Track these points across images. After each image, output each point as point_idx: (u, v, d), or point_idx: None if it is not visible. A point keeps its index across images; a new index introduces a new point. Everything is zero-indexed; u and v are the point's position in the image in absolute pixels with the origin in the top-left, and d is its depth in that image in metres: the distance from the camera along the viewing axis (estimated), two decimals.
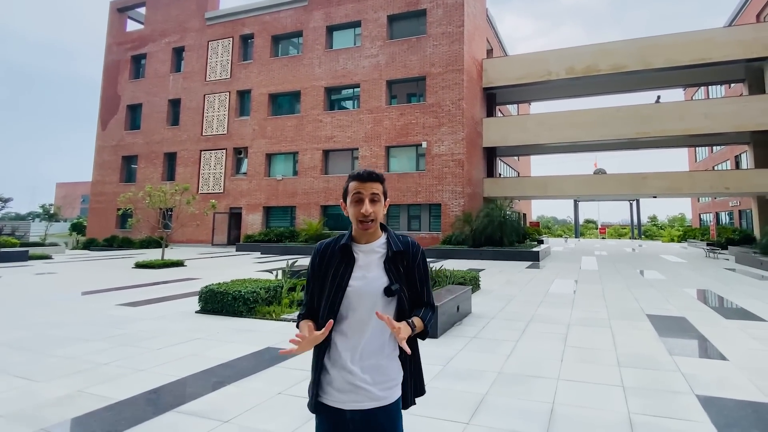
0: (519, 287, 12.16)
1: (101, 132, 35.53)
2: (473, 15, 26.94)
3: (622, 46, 25.53)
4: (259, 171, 29.61)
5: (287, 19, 29.84)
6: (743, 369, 5.29)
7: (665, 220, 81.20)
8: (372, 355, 1.85)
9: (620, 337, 6.75)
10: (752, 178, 23.56)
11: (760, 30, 23.60)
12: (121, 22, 36.47)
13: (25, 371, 5.03)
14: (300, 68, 29.00)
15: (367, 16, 27.45)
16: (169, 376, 4.90)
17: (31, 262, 19.35)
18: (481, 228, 22.05)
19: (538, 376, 4.98)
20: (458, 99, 24.81)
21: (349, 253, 1.92)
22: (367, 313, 1.85)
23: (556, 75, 26.52)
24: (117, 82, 35.46)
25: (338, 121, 27.65)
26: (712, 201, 44.62)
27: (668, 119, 24.48)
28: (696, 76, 27.42)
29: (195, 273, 15.18)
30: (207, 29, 32.35)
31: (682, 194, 26.04)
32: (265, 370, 5.16)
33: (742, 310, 9.09)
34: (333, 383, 1.85)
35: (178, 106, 33.12)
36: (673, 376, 5.01)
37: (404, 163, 26.40)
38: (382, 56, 26.79)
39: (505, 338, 6.70)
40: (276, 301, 8.60)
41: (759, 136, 25.19)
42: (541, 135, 26.83)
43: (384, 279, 1.88)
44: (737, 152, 35.55)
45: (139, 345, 6.18)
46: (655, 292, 11.36)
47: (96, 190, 35.16)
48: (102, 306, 9.04)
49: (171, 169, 32.84)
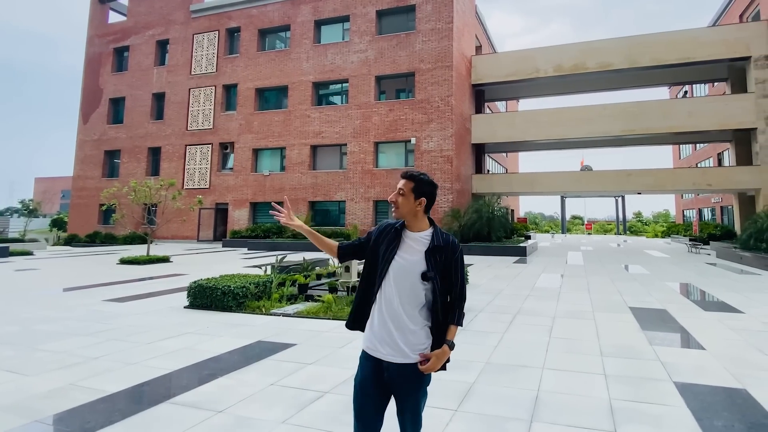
0: (506, 281, 12.39)
1: (83, 126, 34.93)
2: (462, 11, 27.08)
3: (609, 44, 25.86)
4: (246, 166, 29.47)
5: (275, 13, 29.68)
6: (719, 357, 5.56)
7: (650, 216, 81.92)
8: (404, 320, 2.28)
9: (603, 329, 6.99)
10: (734, 175, 24.04)
11: (743, 30, 24.06)
12: (102, 14, 35.93)
13: (15, 365, 5.05)
14: (287, 63, 28.90)
15: (355, 10, 27.43)
16: (161, 369, 4.96)
17: (11, 258, 19.15)
18: (470, 224, 22.35)
19: (525, 366, 5.17)
20: (447, 95, 24.94)
21: (399, 235, 2.36)
22: (405, 286, 2.28)
23: (544, 72, 26.78)
24: (99, 75, 34.89)
25: (326, 117, 27.63)
26: (695, 197, 45.34)
27: (653, 117, 24.84)
28: (681, 74, 27.90)
29: (181, 269, 15.16)
30: (192, 22, 32.03)
31: (666, 191, 26.54)
32: (257, 362, 5.25)
33: (721, 303, 9.41)
34: (376, 335, 2.31)
35: (162, 100, 32.75)
36: (653, 365, 5.24)
37: (393, 159, 26.48)
38: (371, 51, 26.80)
39: (493, 330, 6.88)
40: (266, 296, 8.68)
41: (741, 134, 25.68)
42: (529, 132, 27.10)
43: (422, 265, 2.27)
44: (720, 150, 36.12)
45: (129, 339, 6.22)
46: (638, 286, 11.67)
47: (78, 185, 34.57)
48: (88, 301, 9.02)
49: (155, 164, 32.48)
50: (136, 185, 19.16)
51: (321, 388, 4.40)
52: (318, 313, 7.77)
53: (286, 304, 8.48)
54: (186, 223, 29.00)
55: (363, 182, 26.23)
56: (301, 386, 4.46)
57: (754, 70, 23.59)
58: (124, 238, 28.74)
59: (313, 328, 6.89)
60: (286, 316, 7.74)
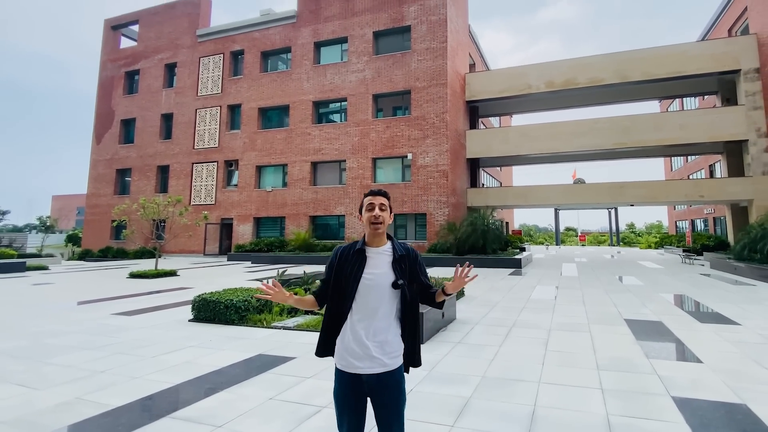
0: (502, 294, 12.19)
1: (96, 146, 35.33)
2: (456, 31, 27.17)
3: (599, 60, 25.81)
4: (250, 183, 29.50)
5: (276, 36, 29.89)
6: (717, 371, 5.36)
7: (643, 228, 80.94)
8: (381, 333, 2.35)
9: (599, 342, 6.82)
10: (726, 187, 23.75)
11: (732, 44, 23.98)
12: (115, 40, 36.42)
13: (24, 379, 5.04)
14: (289, 83, 29.02)
15: (353, 32, 27.57)
16: (164, 383, 4.92)
17: (28, 272, 19.29)
18: (465, 236, 22.03)
19: (521, 380, 5.03)
20: (442, 112, 24.93)
21: (363, 254, 2.43)
22: (377, 301, 2.36)
23: (536, 88, 26.75)
24: (111, 97, 35.29)
25: (326, 134, 27.66)
26: (687, 209, 44.99)
27: (645, 130, 24.69)
28: (671, 88, 27.75)
29: (188, 282, 15.13)
30: (198, 46, 32.33)
31: (658, 202, 26.30)
32: (256, 376, 5.18)
33: (716, 314, 9.13)
34: (351, 352, 2.34)
35: (170, 120, 33.00)
36: (650, 379, 5.07)
37: (390, 174, 26.43)
38: (369, 71, 26.89)
39: (489, 343, 6.74)
40: (267, 309, 8.61)
41: (732, 145, 25.45)
42: (523, 146, 26.99)
43: (391, 276, 2.38)
44: (711, 161, 35.89)
45: (135, 353, 6.18)
46: (633, 297, 11.42)
47: (91, 203, 34.88)
48: (98, 315, 9.01)
49: (164, 182, 32.66)
50: (145, 202, 19.16)
51: (319, 402, 4.32)
52: (317, 327, 7.61)
53: (286, 318, 8.41)
54: (193, 238, 29.36)
55: (361, 197, 25.81)
56: (300, 401, 4.39)
57: (744, 82, 23.49)
58: (134, 252, 28.79)
59: (312, 341, 6.66)
60: (287, 329, 7.67)
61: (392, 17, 26.70)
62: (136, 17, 35.34)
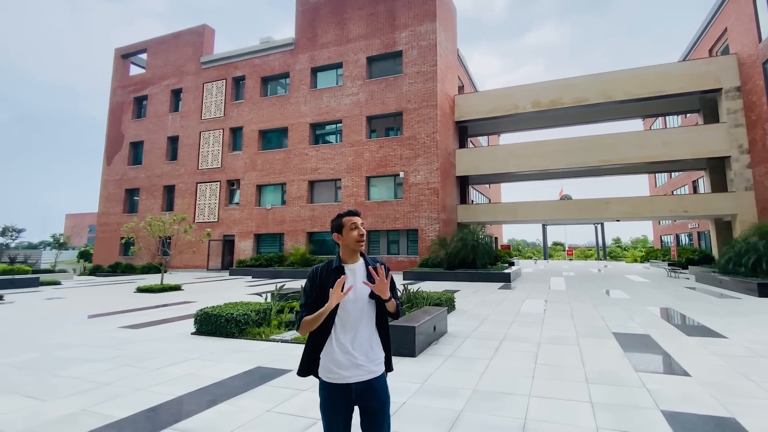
0: (492, 307, 11.77)
1: (107, 167, 35.18)
2: (445, 55, 26.94)
3: (583, 81, 25.37)
4: (251, 201, 29.12)
5: (275, 62, 29.77)
6: (705, 384, 5.16)
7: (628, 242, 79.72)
8: (365, 342, 2.39)
9: (588, 355, 6.59)
10: (710, 202, 23.11)
11: (713, 64, 23.58)
12: (125, 68, 36.48)
13: (33, 391, 4.98)
14: (287, 106, 28.80)
15: (348, 58, 27.43)
16: (167, 395, 4.85)
17: (41, 287, 19.15)
18: (456, 251, 21.40)
19: (511, 393, 4.85)
20: (432, 132, 24.61)
21: (342, 271, 2.43)
22: (360, 313, 2.39)
23: (523, 108, 26.35)
24: (121, 121, 35.22)
25: (322, 154, 27.33)
26: (672, 223, 44.26)
27: (629, 148, 24.23)
28: (654, 107, 27.28)
29: (191, 296, 14.92)
30: (203, 72, 32.25)
31: (643, 218, 25.53)
32: (255, 388, 5.07)
33: (703, 327, 8.75)
34: (340, 365, 2.33)
35: (176, 142, 32.84)
36: (639, 392, 4.86)
37: (383, 191, 26.05)
38: (362, 94, 26.67)
39: (480, 357, 6.52)
40: (265, 322, 8.52)
41: (715, 162, 25.00)
42: (510, 164, 26.50)
43: (368, 289, 2.41)
44: (695, 177, 35.24)
45: (140, 365, 6.11)
46: (620, 311, 11.03)
47: (101, 221, 34.61)
48: (106, 328, 8.97)
49: (170, 201, 32.40)
50: (151, 220, 19.00)
51: (314, 415, 4.17)
52: None
53: (284, 331, 8.23)
54: (197, 254, 29.23)
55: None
56: (296, 413, 4.29)
57: (726, 101, 23.06)
58: (141, 268, 28.70)
59: None
60: (284, 342, 7.50)
61: (385, 43, 26.56)
62: (144, 46, 35.41)
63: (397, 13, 26.37)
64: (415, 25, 25.79)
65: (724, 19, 24.71)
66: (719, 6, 24.89)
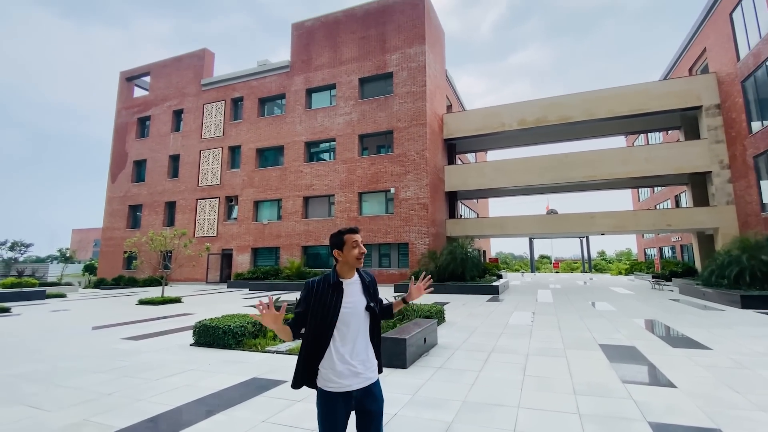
0: (481, 319, 11.39)
1: (111, 184, 35.12)
2: (434, 76, 26.65)
3: (567, 99, 24.92)
4: (248, 216, 28.85)
5: (272, 84, 29.66)
6: (691, 396, 4.98)
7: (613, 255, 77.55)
8: (362, 352, 2.43)
9: (575, 366, 6.36)
10: (692, 216, 22.49)
11: (693, 82, 23.11)
12: (129, 90, 36.63)
13: (37, 401, 4.93)
14: (283, 126, 28.61)
15: (341, 79, 27.25)
16: (166, 405, 4.77)
17: (48, 300, 19.04)
18: (445, 264, 21.09)
19: (500, 405, 4.72)
20: (422, 149, 24.25)
21: (340, 287, 2.45)
22: (357, 325, 2.43)
23: (509, 126, 25.90)
24: (125, 141, 35.25)
25: (316, 171, 27.04)
26: (655, 237, 43.33)
27: (613, 164, 23.72)
28: (636, 124, 26.77)
29: (190, 309, 14.67)
30: (203, 94, 32.27)
31: (627, 231, 24.86)
32: (251, 399, 4.96)
33: (687, 339, 8.46)
34: (341, 375, 2.34)
35: (177, 160, 32.76)
36: (626, 404, 4.70)
37: (375, 207, 25.64)
38: (355, 114, 26.44)
39: (469, 368, 6.32)
40: (261, 334, 8.40)
41: (696, 177, 24.43)
42: (498, 180, 25.98)
43: (364, 301, 2.47)
44: (677, 192, 34.54)
45: (140, 376, 6.01)
46: (606, 323, 10.63)
47: (106, 236, 34.51)
48: (108, 340, 8.84)
49: (171, 216, 32.25)
50: (153, 235, 18.96)
51: (308, 426, 4.12)
52: None
53: (279, 342, 8.12)
54: (196, 267, 29.23)
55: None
56: (291, 423, 4.21)
57: (706, 118, 22.54)
58: (143, 281, 28.47)
59: None
60: (279, 353, 7.33)
61: (376, 65, 26.33)
62: (147, 69, 35.54)
63: (387, 37, 26.22)
64: (405, 48, 25.61)
65: (703, 39, 24.31)
66: (698, 27, 24.50)
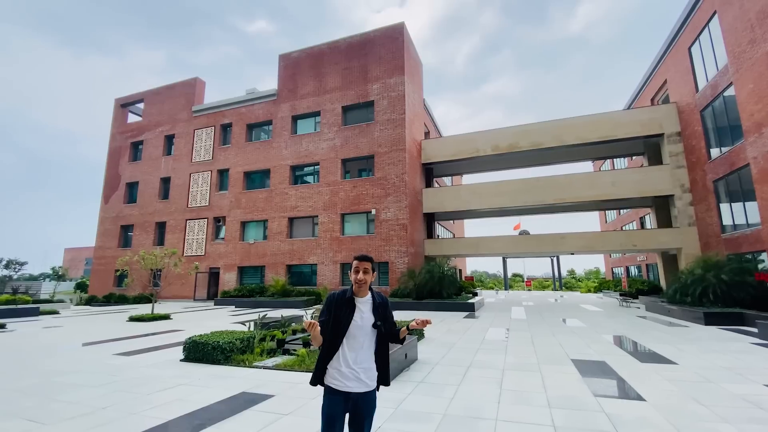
0: (458, 335, 11.02)
1: (104, 205, 33.78)
2: (413, 104, 26.20)
3: (538, 127, 24.55)
4: (235, 236, 27.75)
5: (260, 111, 28.94)
6: (659, 408, 4.91)
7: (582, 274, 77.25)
8: (365, 361, 2.67)
9: (549, 381, 6.22)
10: (656, 237, 22.02)
11: (655, 112, 22.91)
12: (123, 116, 35.58)
13: (34, 415, 4.76)
14: (270, 150, 27.80)
15: (325, 107, 26.66)
16: (158, 419, 4.61)
17: (41, 316, 18.41)
18: (424, 282, 20.37)
19: (479, 417, 4.61)
20: (402, 173, 23.61)
21: (352, 303, 2.72)
22: (363, 337, 2.67)
23: (484, 152, 25.41)
24: (118, 164, 34.11)
25: (301, 194, 26.16)
26: (622, 256, 43.05)
27: (581, 187, 23.30)
28: (602, 150, 26.43)
29: (179, 325, 14.10)
30: (194, 120, 31.42)
31: (596, 251, 24.28)
32: (240, 413, 4.80)
33: (654, 354, 8.29)
34: (344, 376, 2.60)
35: (168, 183, 31.69)
36: (598, 416, 4.61)
37: (357, 227, 24.76)
38: (338, 139, 25.78)
39: (449, 383, 6.15)
40: (249, 350, 8.12)
41: (659, 200, 24.13)
42: (472, 202, 25.33)
43: (372, 319, 2.70)
44: (642, 214, 34.31)
45: (132, 391, 5.79)
46: (578, 339, 10.27)
47: (98, 254, 33.02)
48: (101, 356, 8.50)
49: (161, 236, 30.99)
50: (144, 254, 18.24)
51: None
52: (293, 366, 7.09)
53: (266, 358, 7.83)
54: (185, 285, 28.30)
55: (332, 248, 24.46)
56: None
57: (668, 144, 22.29)
58: (133, 298, 27.22)
59: (290, 380, 6.24)
60: (266, 368, 7.10)
61: (358, 94, 25.81)
62: (141, 97, 34.64)
63: (369, 68, 25.78)
64: (386, 78, 25.16)
65: (664, 71, 24.29)
66: (659, 60, 24.54)
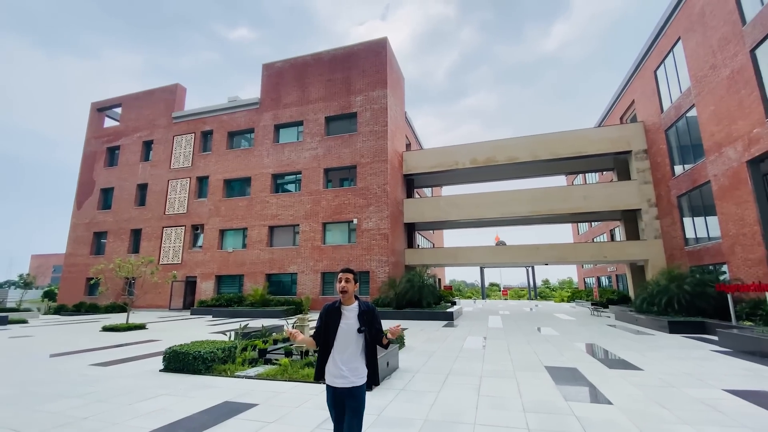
0: (438, 344, 11.32)
1: (77, 211, 32.75)
2: (395, 117, 26.81)
3: (515, 142, 25.53)
4: (213, 244, 27.50)
5: (241, 119, 29.00)
6: (625, 411, 5.23)
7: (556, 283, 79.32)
8: (351, 361, 3.06)
9: (524, 386, 6.51)
10: (625, 249, 23.09)
11: (624, 130, 24.13)
12: (99, 120, 34.75)
13: (16, 424, 4.72)
14: (251, 158, 27.85)
15: (308, 117, 26.98)
16: (142, 429, 4.60)
17: (9, 325, 17.85)
18: (404, 292, 20.63)
19: (459, 422, 4.80)
20: (383, 184, 24.07)
21: (339, 311, 3.16)
22: (348, 341, 3.07)
23: (463, 165, 26.20)
24: (93, 169, 33.21)
25: (282, 202, 26.28)
26: (593, 267, 44.62)
27: (555, 201, 24.25)
28: (575, 165, 27.57)
29: (156, 335, 13.82)
30: (173, 126, 31.08)
31: (569, 262, 25.31)
32: (224, 422, 4.83)
33: (622, 361, 8.70)
34: (332, 374, 3.04)
35: (145, 189, 31.11)
36: (569, 420, 4.88)
37: (338, 236, 24.98)
38: (321, 149, 26.08)
39: (429, 389, 6.37)
40: (231, 359, 8.11)
41: (628, 213, 25.23)
42: (451, 213, 26.03)
43: (357, 325, 3.10)
44: (612, 227, 35.82)
45: (113, 401, 5.74)
46: (551, 347, 10.74)
47: (69, 262, 31.91)
48: (77, 366, 8.35)
49: (136, 243, 30.27)
50: (120, 262, 17.92)
51: None
52: (276, 376, 7.12)
53: (248, 367, 7.84)
54: (160, 294, 27.49)
55: (312, 257, 24.59)
56: None
57: (635, 161, 23.43)
58: (105, 307, 26.52)
59: (273, 389, 6.33)
60: (249, 378, 7.11)
61: (341, 105, 26.27)
62: (119, 101, 33.99)
63: (352, 80, 26.31)
64: (369, 91, 25.72)
65: (631, 92, 25.67)
66: (627, 81, 25.91)
